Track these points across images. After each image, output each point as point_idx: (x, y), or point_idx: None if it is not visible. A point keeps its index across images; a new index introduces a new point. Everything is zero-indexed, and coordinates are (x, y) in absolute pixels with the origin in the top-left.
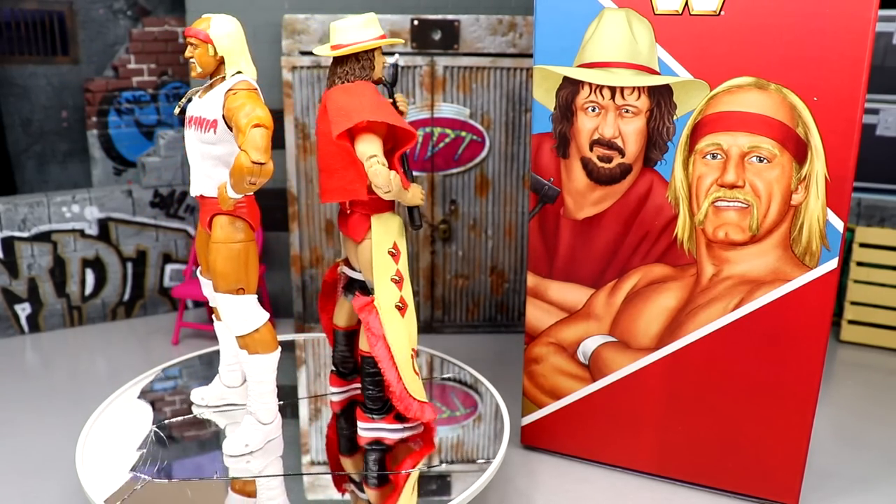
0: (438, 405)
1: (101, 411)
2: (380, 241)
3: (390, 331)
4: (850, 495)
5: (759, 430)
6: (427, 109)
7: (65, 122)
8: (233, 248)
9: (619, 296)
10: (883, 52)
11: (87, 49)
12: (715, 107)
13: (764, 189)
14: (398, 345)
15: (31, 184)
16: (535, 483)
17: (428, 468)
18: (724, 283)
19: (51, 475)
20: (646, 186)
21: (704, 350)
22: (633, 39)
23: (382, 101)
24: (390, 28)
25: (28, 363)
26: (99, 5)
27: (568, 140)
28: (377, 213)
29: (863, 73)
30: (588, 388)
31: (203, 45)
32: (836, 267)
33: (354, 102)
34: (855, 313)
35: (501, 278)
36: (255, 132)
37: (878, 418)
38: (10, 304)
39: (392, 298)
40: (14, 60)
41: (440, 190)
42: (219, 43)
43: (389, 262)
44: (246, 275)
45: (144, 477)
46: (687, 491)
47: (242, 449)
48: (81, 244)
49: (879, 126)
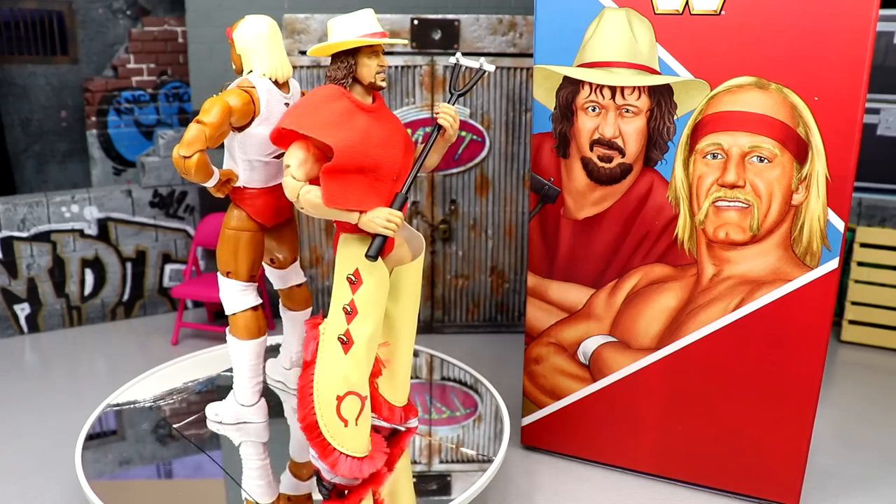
0: (438, 405)
1: (101, 411)
2: (340, 264)
3: (321, 363)
4: (850, 495)
5: (759, 430)
6: (427, 109)
7: (64, 122)
8: (225, 233)
9: (619, 296)
10: (883, 51)
11: (87, 49)
12: (715, 106)
13: (764, 189)
14: (326, 382)
15: (31, 184)
16: (535, 483)
17: (429, 468)
18: (724, 283)
19: (51, 475)
20: (646, 186)
21: (705, 350)
22: (634, 39)
23: (319, 108)
24: (390, 28)
25: (27, 363)
26: (98, 5)
27: (568, 140)
28: (343, 233)
29: (863, 73)
30: (588, 388)
31: (232, 44)
32: (837, 267)
33: (292, 108)
34: (855, 313)
35: (501, 278)
36: (190, 126)
37: (879, 418)
38: (9, 304)
39: (337, 329)
40: (14, 60)
41: (440, 190)
42: (237, 42)
43: (345, 290)
44: (234, 261)
45: (144, 476)
46: (687, 491)
47: (213, 416)
48: (81, 244)
49: (880, 126)
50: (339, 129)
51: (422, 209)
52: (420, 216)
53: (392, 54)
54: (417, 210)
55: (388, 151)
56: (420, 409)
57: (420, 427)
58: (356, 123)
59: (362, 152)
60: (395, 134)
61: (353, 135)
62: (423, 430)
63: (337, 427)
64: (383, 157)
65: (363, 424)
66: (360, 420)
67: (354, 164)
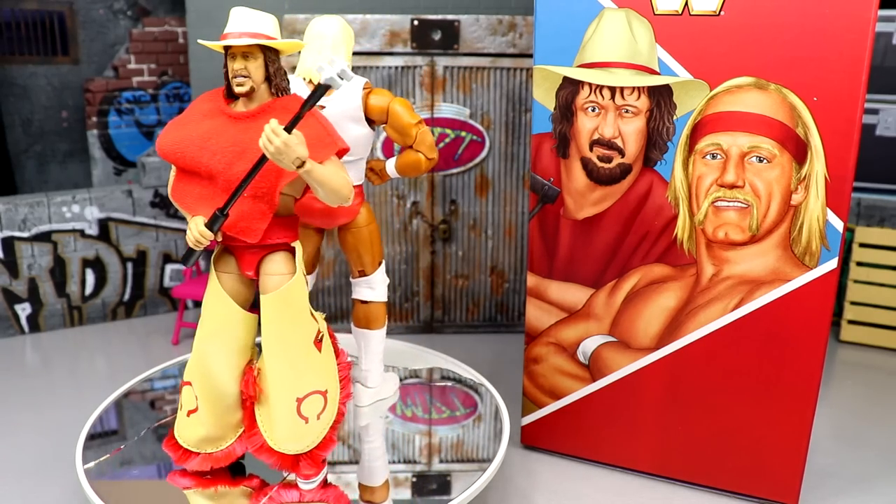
0: (438, 405)
1: (101, 411)
2: None
3: None
4: (849, 495)
5: (758, 429)
6: (427, 109)
7: (65, 122)
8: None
9: (619, 296)
10: (883, 52)
11: (88, 49)
12: (715, 107)
13: (764, 189)
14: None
15: (32, 184)
16: (535, 483)
17: (428, 468)
18: (723, 283)
19: (51, 475)
20: (646, 186)
21: (704, 350)
22: (633, 39)
23: (190, 107)
24: (390, 28)
25: (28, 363)
26: (99, 5)
27: (568, 140)
28: None
29: (863, 73)
30: (588, 388)
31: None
32: (836, 267)
33: None
34: (855, 313)
35: (501, 278)
36: None
37: (878, 418)
38: (10, 304)
39: None
40: (14, 60)
41: (440, 190)
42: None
43: None
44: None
45: (145, 476)
46: (687, 491)
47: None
48: (81, 244)
49: (879, 126)
50: (177, 130)
51: (422, 209)
52: (420, 216)
53: (392, 55)
54: (417, 210)
55: (230, 163)
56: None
57: (420, 427)
58: (199, 127)
59: (193, 157)
60: (252, 147)
61: (185, 137)
62: (424, 430)
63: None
64: (221, 167)
65: (193, 416)
66: (195, 411)
67: (185, 166)
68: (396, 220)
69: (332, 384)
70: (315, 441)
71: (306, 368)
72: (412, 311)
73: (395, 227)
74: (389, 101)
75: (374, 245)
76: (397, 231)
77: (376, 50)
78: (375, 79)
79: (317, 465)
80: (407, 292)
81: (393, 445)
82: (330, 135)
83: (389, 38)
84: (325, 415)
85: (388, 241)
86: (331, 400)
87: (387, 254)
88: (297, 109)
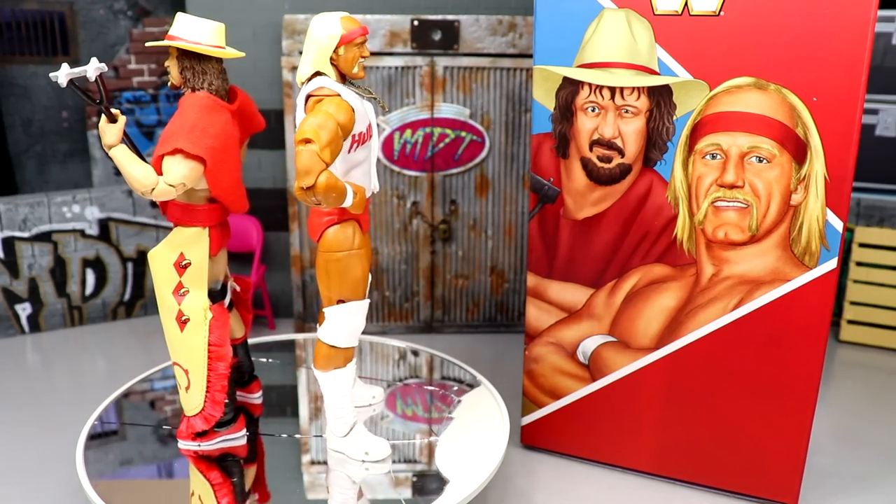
0: (438, 405)
1: (101, 411)
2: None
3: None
4: (849, 495)
5: (758, 429)
6: (427, 109)
7: (65, 123)
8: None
9: (618, 296)
10: (882, 52)
11: (88, 49)
12: (714, 107)
13: (763, 189)
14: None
15: (32, 184)
16: (535, 483)
17: (428, 467)
18: (723, 283)
19: (51, 475)
20: (645, 186)
21: (704, 350)
22: (633, 40)
23: None
24: (390, 28)
25: (28, 363)
26: (99, 6)
27: (568, 140)
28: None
29: (862, 74)
30: (588, 387)
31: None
32: (836, 267)
33: None
34: (854, 313)
35: (501, 278)
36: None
37: (878, 418)
38: (10, 304)
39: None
40: (15, 61)
41: (440, 190)
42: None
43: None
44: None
45: (146, 476)
46: (686, 491)
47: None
48: (82, 244)
49: (879, 126)
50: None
51: (422, 209)
52: (420, 216)
53: (392, 55)
54: (417, 210)
55: None
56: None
57: (420, 426)
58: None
59: None
60: None
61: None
62: (424, 430)
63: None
64: None
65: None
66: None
67: None
68: (396, 220)
69: (193, 366)
70: (191, 411)
71: (170, 338)
72: (412, 311)
73: (395, 227)
74: (308, 114)
75: (331, 278)
76: (397, 231)
77: (376, 50)
78: (375, 79)
79: (187, 434)
80: (407, 292)
81: (393, 445)
82: (175, 134)
83: (389, 38)
84: (193, 392)
85: (388, 241)
86: (194, 381)
87: (387, 254)
88: (186, 106)
